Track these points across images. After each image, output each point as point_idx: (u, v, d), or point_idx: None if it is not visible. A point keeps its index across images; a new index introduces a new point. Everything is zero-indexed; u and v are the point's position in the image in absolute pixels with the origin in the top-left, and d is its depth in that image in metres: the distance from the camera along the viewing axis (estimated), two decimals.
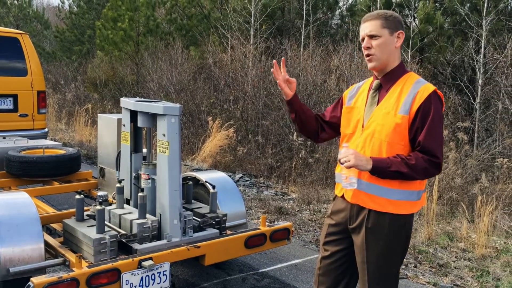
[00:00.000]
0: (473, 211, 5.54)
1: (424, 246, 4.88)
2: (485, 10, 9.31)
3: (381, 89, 2.25)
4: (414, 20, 11.26)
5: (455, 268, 4.42)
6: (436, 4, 11.33)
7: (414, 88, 2.14)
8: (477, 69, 9.35)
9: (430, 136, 2.09)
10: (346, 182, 2.17)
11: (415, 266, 4.43)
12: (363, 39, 2.23)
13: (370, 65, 2.23)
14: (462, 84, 9.89)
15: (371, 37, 2.18)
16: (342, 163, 2.12)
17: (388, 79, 2.23)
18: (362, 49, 2.25)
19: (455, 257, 4.66)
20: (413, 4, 10.73)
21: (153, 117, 3.22)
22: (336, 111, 2.47)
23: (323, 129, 2.51)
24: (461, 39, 10.80)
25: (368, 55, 2.21)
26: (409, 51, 9.86)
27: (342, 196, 2.33)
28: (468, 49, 9.72)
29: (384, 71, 2.24)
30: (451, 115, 8.94)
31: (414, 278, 4.16)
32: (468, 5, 10.90)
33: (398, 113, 2.13)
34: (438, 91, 2.15)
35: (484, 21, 9.26)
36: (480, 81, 9.20)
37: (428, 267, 4.43)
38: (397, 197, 2.17)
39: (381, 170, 2.10)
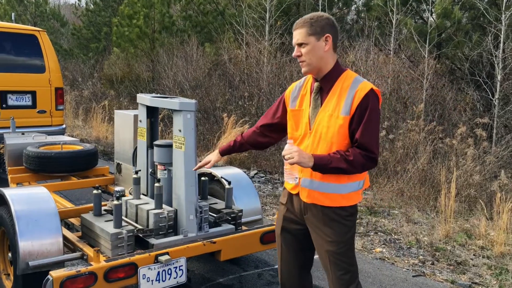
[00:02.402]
0: (491, 208, 5.46)
1: (442, 244, 4.83)
2: (504, 4, 9.13)
3: (322, 92, 2.33)
4: (431, 15, 11.10)
5: (473, 266, 4.36)
6: None
7: (352, 89, 2.24)
8: (496, 64, 9.18)
9: (367, 133, 2.21)
10: (290, 177, 2.31)
11: (433, 264, 4.38)
12: (295, 47, 2.33)
13: (303, 70, 2.34)
14: (480, 79, 9.72)
15: (300, 45, 2.28)
16: (286, 159, 2.21)
17: (326, 81, 2.32)
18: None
19: (473, 255, 4.60)
20: None
21: (170, 152, 3.25)
22: (280, 112, 2.55)
23: (269, 137, 2.71)
24: (480, 34, 10.60)
25: (300, 62, 2.31)
26: (427, 46, 9.72)
27: (297, 195, 2.40)
28: (486, 44, 9.54)
29: (320, 74, 2.32)
30: (469, 111, 8.81)
31: (432, 276, 4.12)
32: None
33: (340, 114, 2.24)
34: (375, 88, 2.25)
35: (503, 16, 9.08)
36: (499, 77, 9.04)
37: (446, 264, 4.38)
38: (347, 191, 2.31)
39: (322, 167, 2.21)
